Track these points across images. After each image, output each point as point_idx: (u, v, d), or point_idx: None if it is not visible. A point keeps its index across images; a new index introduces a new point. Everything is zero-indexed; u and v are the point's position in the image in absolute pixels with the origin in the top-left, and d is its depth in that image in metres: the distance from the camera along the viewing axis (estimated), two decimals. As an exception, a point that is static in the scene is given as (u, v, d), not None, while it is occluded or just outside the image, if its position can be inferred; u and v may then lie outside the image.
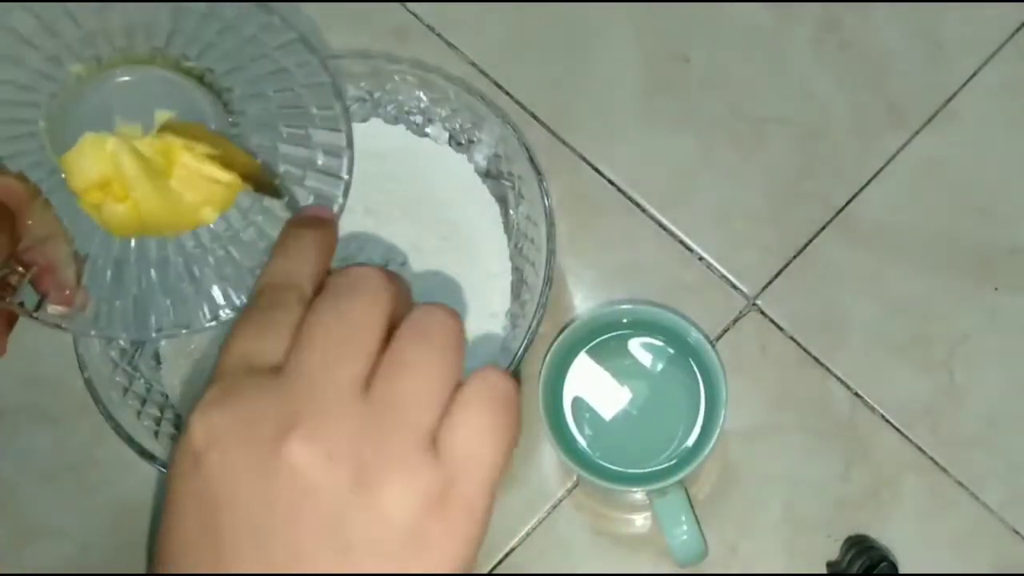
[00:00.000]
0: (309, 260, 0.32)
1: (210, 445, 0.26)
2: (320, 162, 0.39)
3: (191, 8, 0.38)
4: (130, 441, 0.49)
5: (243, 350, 0.29)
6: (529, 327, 0.50)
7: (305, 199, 0.39)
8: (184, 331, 0.38)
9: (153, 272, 0.38)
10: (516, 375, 0.50)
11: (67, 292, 0.37)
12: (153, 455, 0.49)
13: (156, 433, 0.51)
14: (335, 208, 0.38)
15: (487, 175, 0.58)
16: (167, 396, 0.54)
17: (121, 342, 0.54)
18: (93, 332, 0.39)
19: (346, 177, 0.39)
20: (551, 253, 0.52)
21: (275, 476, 0.26)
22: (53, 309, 0.37)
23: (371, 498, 0.26)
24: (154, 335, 0.38)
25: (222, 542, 0.26)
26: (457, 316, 0.29)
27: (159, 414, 0.53)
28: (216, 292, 0.38)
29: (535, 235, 0.54)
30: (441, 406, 0.27)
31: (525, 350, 0.50)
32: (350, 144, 0.39)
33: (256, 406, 0.27)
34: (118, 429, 0.50)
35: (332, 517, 0.25)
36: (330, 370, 0.27)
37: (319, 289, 0.31)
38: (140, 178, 0.34)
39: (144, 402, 0.53)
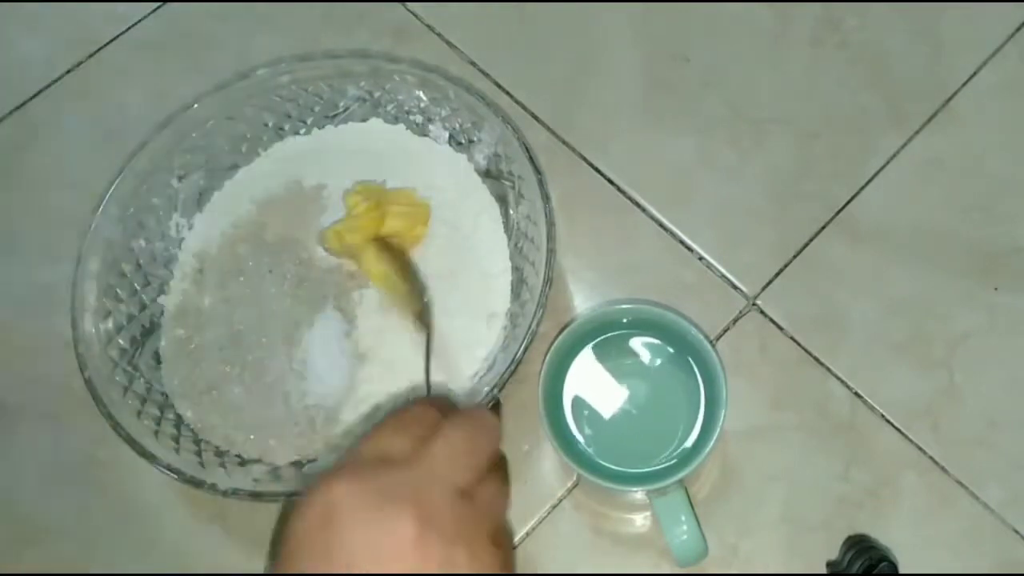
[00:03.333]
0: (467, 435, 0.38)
1: (342, 506, 0.33)
2: None
3: None
4: (130, 441, 0.49)
5: (380, 445, 0.36)
6: (529, 327, 0.50)
7: None
8: None
9: None
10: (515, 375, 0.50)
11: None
12: (154, 455, 0.49)
13: (156, 433, 0.51)
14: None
15: (487, 175, 0.58)
16: (167, 396, 0.54)
17: (120, 341, 0.54)
18: None
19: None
20: (551, 253, 0.52)
21: (390, 540, 0.33)
22: None
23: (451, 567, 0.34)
24: None
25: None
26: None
27: (159, 414, 0.53)
28: None
29: (535, 235, 0.54)
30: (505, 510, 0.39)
31: (525, 350, 0.50)
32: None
33: (385, 483, 0.34)
34: (118, 429, 0.50)
35: None
36: (448, 473, 0.35)
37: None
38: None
39: (144, 402, 0.53)
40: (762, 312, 0.57)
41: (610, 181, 0.61)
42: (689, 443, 0.50)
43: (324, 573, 0.32)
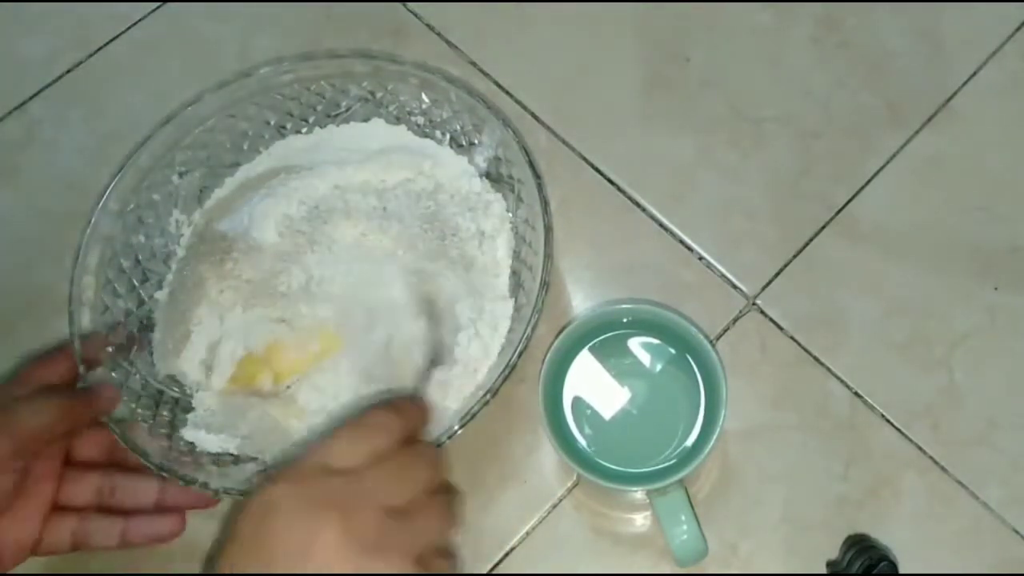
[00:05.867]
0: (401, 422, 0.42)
1: (277, 506, 0.37)
2: None
3: None
4: (124, 438, 0.49)
5: (331, 454, 0.39)
6: (524, 332, 0.50)
7: None
8: None
9: None
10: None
11: None
12: (146, 452, 0.49)
13: (150, 429, 0.51)
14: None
15: (487, 177, 0.58)
16: (162, 393, 0.54)
17: (117, 336, 0.54)
18: None
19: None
20: (547, 258, 0.51)
21: (313, 541, 0.36)
22: None
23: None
24: None
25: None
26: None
27: (154, 411, 0.53)
28: None
29: (533, 239, 0.54)
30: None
31: (520, 355, 0.49)
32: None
33: (320, 491, 0.38)
34: (112, 425, 0.49)
35: None
36: (381, 492, 0.39)
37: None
38: None
39: (139, 398, 0.53)
40: (762, 312, 0.57)
41: (610, 181, 0.61)
42: (689, 443, 0.50)
43: (252, 568, 0.36)
